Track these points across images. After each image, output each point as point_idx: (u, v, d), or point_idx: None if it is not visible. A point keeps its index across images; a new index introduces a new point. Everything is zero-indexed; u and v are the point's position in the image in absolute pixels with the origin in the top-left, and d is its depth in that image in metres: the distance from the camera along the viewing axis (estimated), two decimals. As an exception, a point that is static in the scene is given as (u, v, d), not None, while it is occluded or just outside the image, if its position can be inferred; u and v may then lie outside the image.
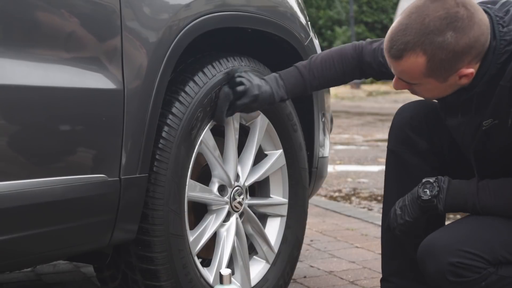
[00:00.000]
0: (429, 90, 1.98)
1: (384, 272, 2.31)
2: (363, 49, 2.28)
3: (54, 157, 1.83)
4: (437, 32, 1.85)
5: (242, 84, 2.22)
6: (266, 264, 2.53)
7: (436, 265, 1.98)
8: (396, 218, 2.12)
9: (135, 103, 1.97)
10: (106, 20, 1.92)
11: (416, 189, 2.09)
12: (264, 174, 2.50)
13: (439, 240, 2.01)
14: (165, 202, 2.08)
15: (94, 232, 1.95)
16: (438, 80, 1.93)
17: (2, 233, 1.72)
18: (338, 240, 3.62)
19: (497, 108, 1.95)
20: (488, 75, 1.93)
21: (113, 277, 2.17)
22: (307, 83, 2.27)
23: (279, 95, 2.25)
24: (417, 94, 2.03)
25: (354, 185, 5.47)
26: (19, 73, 1.74)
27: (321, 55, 2.30)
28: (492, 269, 1.97)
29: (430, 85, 1.95)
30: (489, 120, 1.97)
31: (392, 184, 2.27)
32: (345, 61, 2.28)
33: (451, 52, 1.86)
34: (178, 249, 2.13)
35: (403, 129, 2.23)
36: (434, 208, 2.07)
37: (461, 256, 1.96)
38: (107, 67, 1.91)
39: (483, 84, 1.95)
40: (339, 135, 8.70)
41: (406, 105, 2.28)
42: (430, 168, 2.20)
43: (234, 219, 2.36)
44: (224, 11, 2.26)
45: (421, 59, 1.88)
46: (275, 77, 2.27)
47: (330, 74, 2.28)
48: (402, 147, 2.23)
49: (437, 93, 1.99)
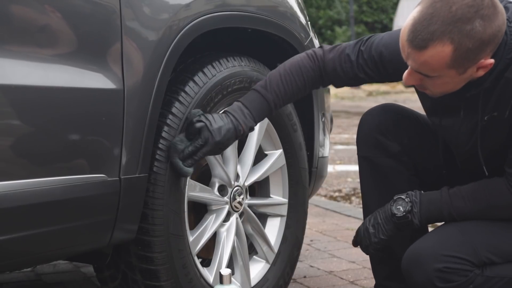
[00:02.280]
0: (444, 84, 1.92)
1: (377, 277, 2.31)
2: (323, 59, 2.19)
3: (54, 157, 1.83)
4: (466, 20, 1.80)
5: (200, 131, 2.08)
6: (266, 264, 2.53)
7: (423, 273, 1.98)
8: (370, 236, 2.11)
9: (135, 103, 1.97)
10: (106, 20, 1.92)
11: (388, 206, 2.08)
12: (264, 174, 2.50)
13: (424, 249, 2.01)
14: (165, 202, 2.08)
15: (94, 232, 1.95)
16: (458, 71, 1.87)
17: (2, 233, 1.72)
18: (338, 240, 3.62)
19: (499, 101, 1.94)
20: (497, 70, 1.91)
21: (113, 277, 2.17)
22: (271, 104, 2.17)
23: (247, 125, 2.13)
24: (426, 89, 1.97)
25: (354, 185, 5.47)
26: (19, 73, 1.74)
27: (277, 72, 2.20)
28: (477, 271, 1.98)
29: (448, 77, 1.89)
30: (491, 114, 1.96)
31: (370, 190, 2.26)
32: (305, 73, 2.19)
33: (479, 40, 1.82)
34: (178, 249, 2.13)
35: (372, 134, 2.21)
36: (409, 224, 2.07)
37: (447, 261, 1.97)
38: (107, 67, 1.91)
39: (492, 80, 1.92)
40: (339, 135, 8.70)
41: (370, 111, 2.26)
42: (405, 169, 2.20)
43: (234, 219, 2.36)
44: (224, 11, 2.26)
45: (448, 49, 1.83)
46: (238, 107, 2.14)
47: (292, 90, 2.18)
48: (374, 152, 2.22)
49: (451, 87, 1.94)
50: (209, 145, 2.08)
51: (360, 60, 2.14)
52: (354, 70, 2.15)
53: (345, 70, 2.16)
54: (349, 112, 11.79)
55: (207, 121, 2.08)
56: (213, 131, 2.08)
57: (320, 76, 2.20)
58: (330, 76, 2.19)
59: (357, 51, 2.15)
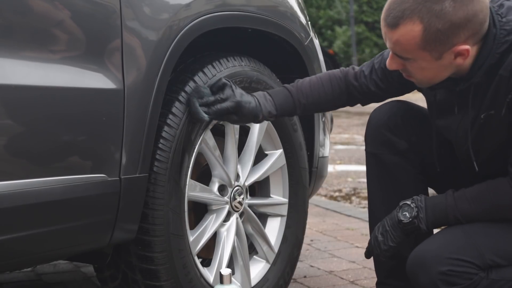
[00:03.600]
0: (423, 69, 1.94)
1: (379, 275, 2.31)
2: (348, 71, 2.27)
3: (54, 157, 1.83)
4: (436, 0, 1.84)
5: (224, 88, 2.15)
6: (266, 264, 2.53)
7: (428, 276, 1.98)
8: (379, 244, 2.11)
9: (135, 102, 1.97)
10: (106, 20, 1.92)
11: (395, 213, 2.08)
12: (264, 174, 2.50)
13: (428, 251, 2.01)
14: (165, 202, 2.08)
15: (94, 232, 1.95)
16: (433, 55, 1.90)
17: (2, 233, 1.72)
18: (338, 240, 3.62)
19: (494, 99, 1.94)
20: (487, 64, 1.92)
21: (113, 277, 2.17)
22: (295, 100, 2.21)
23: (267, 109, 2.18)
24: (411, 76, 1.99)
25: (354, 185, 5.47)
26: (19, 73, 1.74)
27: (308, 78, 2.28)
28: (483, 274, 1.97)
29: (424, 61, 1.92)
30: (486, 113, 1.97)
31: (376, 187, 2.26)
32: (332, 81, 2.25)
33: (448, 22, 1.84)
34: (178, 249, 2.13)
35: (381, 131, 2.22)
36: (416, 229, 2.07)
37: (451, 264, 1.96)
38: (107, 67, 1.91)
39: (482, 74, 1.93)
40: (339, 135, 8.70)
41: (381, 106, 2.27)
42: (411, 167, 2.20)
43: (234, 219, 2.36)
44: (224, 11, 2.26)
45: (418, 28, 1.86)
46: (263, 93, 2.21)
47: (318, 93, 2.23)
48: (382, 149, 2.22)
49: (432, 74, 1.96)
50: (229, 101, 2.12)
51: (373, 75, 2.21)
52: (367, 83, 2.22)
53: (361, 83, 2.23)
54: (349, 112, 11.78)
55: (233, 84, 2.17)
56: (235, 91, 2.14)
57: (345, 87, 2.26)
58: (351, 89, 2.25)
59: (371, 65, 2.22)
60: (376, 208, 2.23)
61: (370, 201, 2.28)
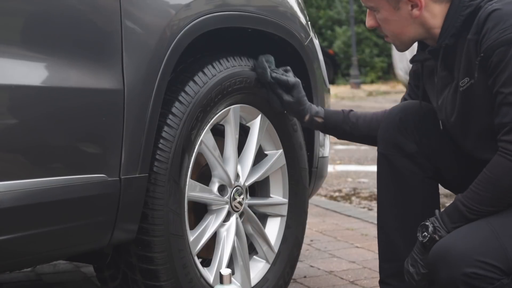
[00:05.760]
0: (388, 22, 2.07)
1: (382, 274, 2.30)
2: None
3: (54, 157, 1.83)
4: None
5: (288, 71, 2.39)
6: (266, 264, 2.52)
7: (450, 273, 1.93)
8: (412, 276, 2.08)
9: (135, 103, 1.97)
10: (106, 20, 1.92)
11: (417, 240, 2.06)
12: (264, 174, 2.50)
13: (455, 248, 1.95)
14: (165, 202, 2.08)
15: (94, 232, 1.95)
16: (391, 4, 2.03)
17: (2, 233, 1.72)
18: (338, 240, 3.62)
19: (468, 65, 1.98)
20: (452, 27, 2.01)
21: (113, 277, 2.17)
22: (345, 116, 2.37)
23: (315, 109, 2.37)
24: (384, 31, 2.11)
25: (354, 185, 5.47)
26: (19, 73, 1.74)
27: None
28: (506, 280, 1.91)
29: (386, 12, 2.05)
30: (465, 80, 2.00)
31: (385, 187, 2.26)
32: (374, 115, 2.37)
33: None
34: (178, 249, 2.13)
35: (392, 132, 2.22)
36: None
37: (477, 266, 1.90)
38: (107, 67, 1.91)
39: (449, 36, 2.02)
40: (339, 135, 8.69)
41: (394, 108, 2.28)
42: (420, 171, 2.19)
43: (234, 219, 2.36)
44: (224, 11, 2.26)
45: None
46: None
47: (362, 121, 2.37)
48: (393, 151, 2.22)
49: (397, 28, 2.07)
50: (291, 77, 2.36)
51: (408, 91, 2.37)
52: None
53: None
54: (349, 112, 11.79)
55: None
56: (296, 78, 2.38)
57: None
58: None
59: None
60: (384, 209, 2.22)
61: (379, 202, 2.28)
